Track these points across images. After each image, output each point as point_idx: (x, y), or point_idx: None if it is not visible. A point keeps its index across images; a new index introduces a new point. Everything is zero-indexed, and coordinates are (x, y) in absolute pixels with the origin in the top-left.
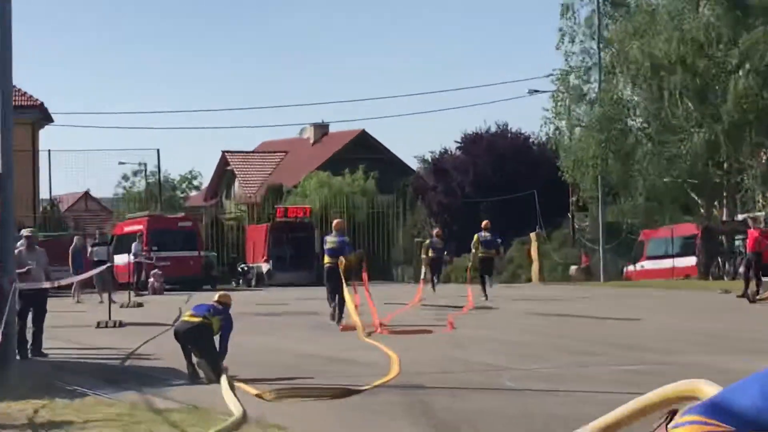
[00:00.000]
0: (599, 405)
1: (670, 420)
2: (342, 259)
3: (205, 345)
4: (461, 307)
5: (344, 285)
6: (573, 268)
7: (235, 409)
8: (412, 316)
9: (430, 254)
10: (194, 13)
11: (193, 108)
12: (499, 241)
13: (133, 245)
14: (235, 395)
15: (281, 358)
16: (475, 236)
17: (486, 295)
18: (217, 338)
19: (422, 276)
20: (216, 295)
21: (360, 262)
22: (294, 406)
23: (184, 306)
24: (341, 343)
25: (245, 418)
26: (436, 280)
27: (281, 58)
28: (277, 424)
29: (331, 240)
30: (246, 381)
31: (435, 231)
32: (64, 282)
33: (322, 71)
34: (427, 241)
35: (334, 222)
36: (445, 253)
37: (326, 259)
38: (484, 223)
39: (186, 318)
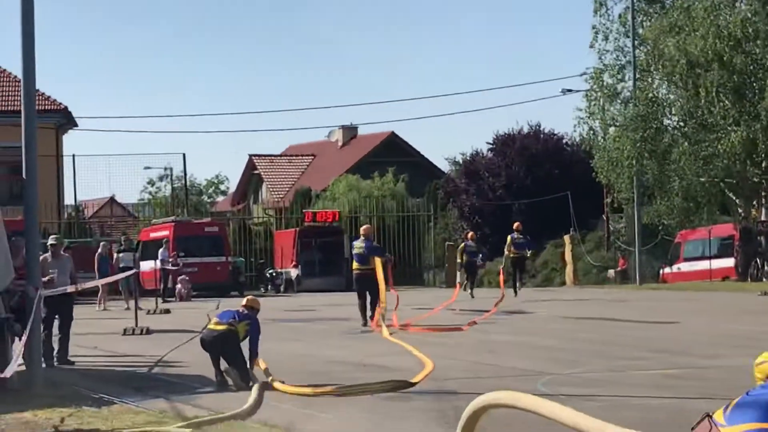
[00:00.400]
0: (637, 410)
1: (709, 424)
2: (378, 260)
3: (232, 352)
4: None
5: (381, 286)
6: (611, 271)
7: (251, 401)
8: (439, 320)
9: (464, 258)
10: (219, 15)
11: (219, 111)
12: (528, 239)
13: (160, 251)
14: (260, 397)
15: (311, 364)
16: (508, 238)
17: (516, 292)
18: (244, 345)
19: (458, 280)
20: (243, 300)
21: (384, 267)
22: (323, 413)
23: (213, 313)
24: (372, 349)
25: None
26: (472, 285)
27: (308, 60)
28: None
29: (358, 245)
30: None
31: (469, 234)
32: (88, 285)
33: (351, 72)
34: (462, 245)
35: (362, 228)
36: (479, 257)
37: (354, 265)
38: (515, 224)
39: (211, 326)
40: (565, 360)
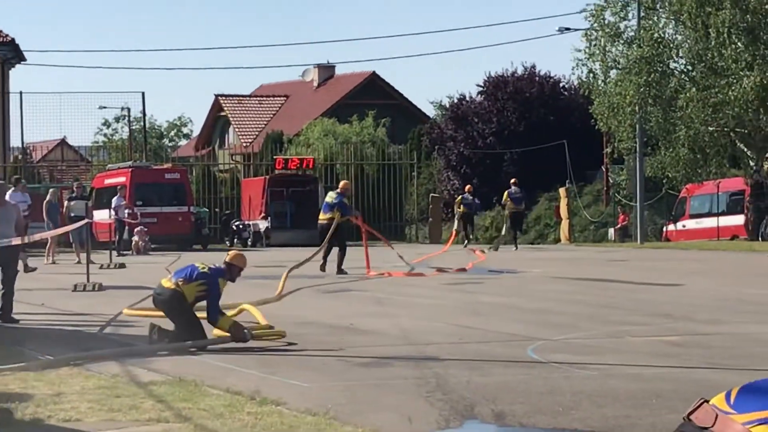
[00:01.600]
0: (636, 380)
1: (713, 411)
2: (338, 215)
3: (176, 317)
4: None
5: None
6: (612, 230)
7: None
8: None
9: (462, 209)
10: None
11: (183, 46)
12: (524, 194)
13: (114, 199)
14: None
15: (279, 326)
16: (505, 193)
17: (516, 246)
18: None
19: (454, 228)
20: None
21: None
22: (292, 379)
23: (173, 267)
24: (343, 309)
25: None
26: (470, 236)
27: None
28: (275, 400)
29: (331, 195)
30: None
31: (466, 187)
32: (35, 237)
33: (328, 6)
34: (459, 198)
35: (341, 183)
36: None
37: (321, 215)
38: (513, 180)
39: (163, 282)
40: (558, 324)
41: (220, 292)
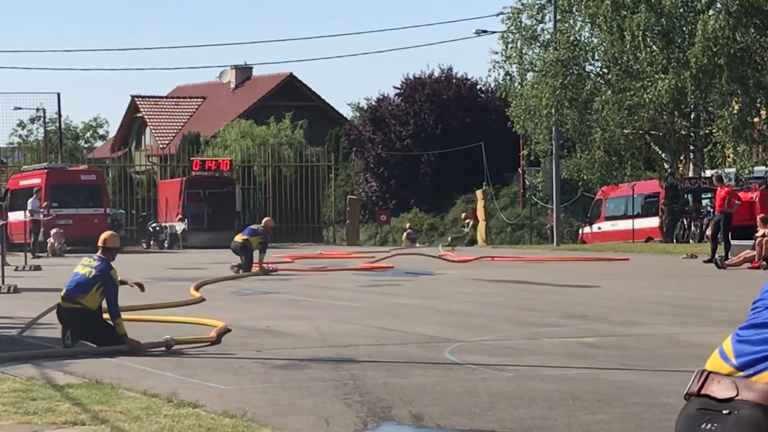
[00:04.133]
0: (552, 381)
1: (704, 381)
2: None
3: (87, 331)
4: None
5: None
6: (547, 226)
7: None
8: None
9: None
10: None
11: (98, 47)
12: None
13: (30, 201)
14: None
15: (196, 330)
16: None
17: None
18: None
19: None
20: (100, 238)
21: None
22: (210, 382)
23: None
24: (261, 312)
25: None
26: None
27: None
28: (192, 402)
29: (258, 227)
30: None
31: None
32: None
33: (245, 6)
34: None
35: (266, 220)
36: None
37: (239, 236)
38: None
39: (60, 303)
40: (475, 326)
41: (117, 284)
